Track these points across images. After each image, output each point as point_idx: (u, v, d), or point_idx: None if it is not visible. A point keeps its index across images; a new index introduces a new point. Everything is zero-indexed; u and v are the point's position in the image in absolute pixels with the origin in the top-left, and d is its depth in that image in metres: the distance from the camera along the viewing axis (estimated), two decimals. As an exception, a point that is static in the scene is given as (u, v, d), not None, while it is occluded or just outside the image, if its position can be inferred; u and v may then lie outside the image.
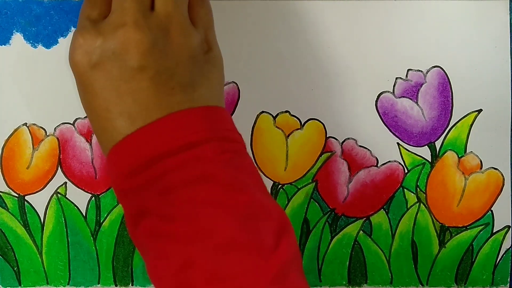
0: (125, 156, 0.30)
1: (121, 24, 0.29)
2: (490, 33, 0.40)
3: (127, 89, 0.30)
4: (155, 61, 0.29)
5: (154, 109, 0.30)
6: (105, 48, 0.29)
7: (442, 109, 0.41)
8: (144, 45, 0.29)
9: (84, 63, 0.30)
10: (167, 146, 0.29)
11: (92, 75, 0.30)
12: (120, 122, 0.30)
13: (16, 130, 0.40)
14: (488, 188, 0.41)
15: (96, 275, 0.42)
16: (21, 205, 0.41)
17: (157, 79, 0.30)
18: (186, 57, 0.31)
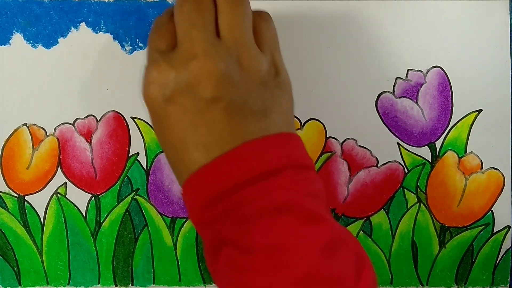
0: (201, 187, 0.29)
1: (192, 55, 0.29)
2: (490, 33, 0.40)
3: (201, 121, 0.29)
4: (228, 91, 0.29)
5: (229, 139, 0.29)
6: (179, 81, 0.29)
7: (442, 109, 0.41)
8: (216, 75, 0.29)
9: (158, 97, 0.30)
10: (243, 176, 0.28)
11: (167, 109, 0.30)
12: (195, 153, 0.29)
13: (16, 130, 0.40)
14: (488, 188, 0.41)
15: (96, 275, 0.42)
16: (21, 205, 0.41)
17: (230, 108, 0.29)
18: (256, 83, 0.30)
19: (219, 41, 0.30)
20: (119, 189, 0.41)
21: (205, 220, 0.30)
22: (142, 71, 0.40)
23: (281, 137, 0.30)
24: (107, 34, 0.40)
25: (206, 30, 0.29)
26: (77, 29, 0.40)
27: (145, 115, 0.40)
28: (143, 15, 0.39)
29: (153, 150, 0.41)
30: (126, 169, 0.41)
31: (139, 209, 0.41)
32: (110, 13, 0.39)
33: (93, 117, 0.40)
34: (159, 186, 0.41)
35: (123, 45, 0.40)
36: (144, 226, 0.41)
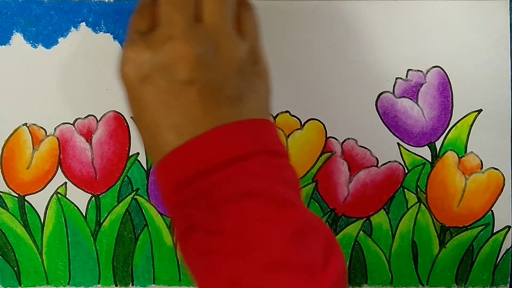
0: (173, 169, 0.29)
1: (169, 37, 0.29)
2: (490, 33, 0.40)
3: (175, 103, 0.29)
4: (203, 74, 0.29)
5: (202, 123, 0.29)
6: (154, 62, 0.29)
7: (442, 109, 0.41)
8: (192, 58, 0.29)
9: (133, 76, 0.30)
10: (214, 160, 0.28)
11: (142, 89, 0.30)
12: (168, 135, 0.29)
13: (16, 130, 0.40)
14: (488, 188, 0.41)
15: (96, 275, 0.42)
16: (21, 205, 0.41)
17: (205, 92, 0.29)
18: (234, 70, 0.30)
19: (199, 25, 0.30)
20: (119, 189, 0.41)
21: (176, 204, 0.30)
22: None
23: (254, 123, 0.30)
24: (107, 34, 0.40)
25: (186, 13, 0.30)
26: (77, 29, 0.40)
27: (145, 115, 0.40)
28: (143, 15, 0.39)
29: (153, 150, 0.41)
30: (126, 169, 0.41)
31: (139, 209, 0.41)
32: (110, 13, 0.39)
33: (93, 117, 0.40)
34: (159, 186, 0.41)
35: (123, 45, 0.40)
36: (144, 226, 0.41)
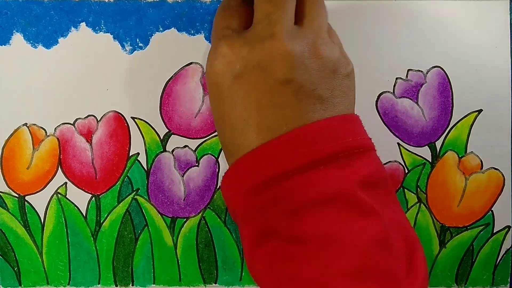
0: (249, 171, 0.29)
1: (270, 35, 0.28)
2: (490, 33, 0.40)
3: (268, 102, 0.29)
4: (300, 75, 0.28)
5: (293, 124, 0.28)
6: (251, 59, 0.28)
7: (442, 109, 0.41)
8: (292, 58, 0.28)
9: (226, 72, 0.29)
10: (293, 163, 0.28)
11: (234, 86, 0.29)
12: (253, 133, 0.29)
13: (16, 130, 0.40)
14: (488, 188, 0.41)
15: (96, 275, 0.42)
16: (21, 205, 0.41)
17: (300, 93, 0.29)
18: (328, 71, 0.30)
19: (298, 27, 0.29)
20: (119, 189, 0.41)
21: (249, 207, 0.29)
22: (142, 71, 0.40)
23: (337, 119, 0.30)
24: (107, 34, 0.40)
25: (286, 13, 0.29)
26: (77, 29, 0.40)
27: (145, 115, 0.40)
28: (143, 15, 0.39)
29: (153, 150, 0.41)
30: (126, 169, 0.41)
31: (139, 209, 0.41)
32: (110, 13, 0.39)
33: (93, 117, 0.40)
34: (159, 186, 0.41)
35: (123, 45, 0.40)
36: (145, 226, 0.41)
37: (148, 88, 0.40)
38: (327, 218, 0.27)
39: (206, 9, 0.40)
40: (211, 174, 0.41)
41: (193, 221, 0.41)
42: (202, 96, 0.40)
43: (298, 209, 0.27)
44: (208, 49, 0.39)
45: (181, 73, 0.40)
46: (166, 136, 0.40)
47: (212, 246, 0.41)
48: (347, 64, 0.31)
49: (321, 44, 0.30)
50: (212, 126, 0.40)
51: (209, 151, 0.41)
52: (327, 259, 0.27)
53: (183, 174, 0.41)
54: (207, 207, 0.41)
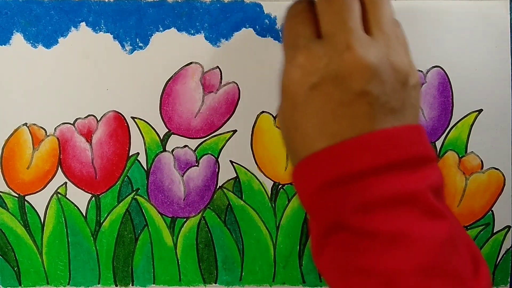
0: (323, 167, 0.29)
1: (347, 46, 0.29)
2: (490, 33, 0.40)
3: (344, 113, 0.29)
4: (376, 87, 0.29)
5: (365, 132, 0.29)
6: (329, 70, 0.29)
7: (442, 109, 0.41)
8: (369, 69, 0.28)
9: (303, 82, 0.29)
10: (370, 163, 0.28)
11: (310, 96, 0.29)
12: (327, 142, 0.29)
13: (16, 130, 0.40)
14: (488, 188, 0.41)
15: (96, 275, 0.42)
16: (21, 205, 0.41)
17: (375, 104, 0.29)
18: (401, 82, 0.30)
19: (369, 37, 0.30)
20: (119, 189, 0.41)
21: (319, 201, 0.29)
22: (142, 71, 0.40)
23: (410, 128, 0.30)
24: (107, 34, 0.40)
25: (357, 24, 0.29)
26: (77, 29, 0.40)
27: (145, 115, 0.40)
28: (143, 15, 0.39)
29: (153, 150, 0.41)
30: (126, 169, 0.41)
31: (139, 209, 0.41)
32: (110, 13, 0.39)
33: (93, 117, 0.40)
34: (159, 186, 0.41)
35: (123, 45, 0.40)
36: (144, 226, 0.41)
37: (148, 88, 0.40)
38: (399, 217, 0.28)
39: (206, 9, 0.40)
40: (211, 174, 0.41)
41: (193, 221, 0.41)
42: (202, 96, 0.40)
43: (371, 206, 0.28)
44: (208, 49, 0.40)
45: (181, 73, 0.40)
46: (166, 136, 0.40)
47: (212, 246, 0.41)
48: (415, 75, 0.31)
49: (394, 55, 0.30)
50: (211, 126, 0.40)
51: (209, 151, 0.41)
52: (397, 255, 0.28)
53: (183, 174, 0.41)
54: (207, 207, 0.41)
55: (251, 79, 0.40)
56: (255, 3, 0.40)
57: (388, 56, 0.29)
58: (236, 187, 0.41)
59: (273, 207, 0.41)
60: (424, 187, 0.29)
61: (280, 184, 0.41)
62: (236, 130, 0.40)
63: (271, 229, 0.41)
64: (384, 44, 0.30)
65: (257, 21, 0.40)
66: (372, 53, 0.29)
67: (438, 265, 0.28)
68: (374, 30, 0.30)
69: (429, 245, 0.28)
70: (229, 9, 0.40)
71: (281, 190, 0.41)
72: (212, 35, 0.40)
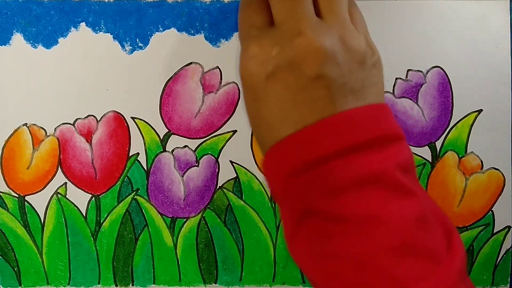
0: (288, 154, 0.29)
1: (297, 32, 0.29)
2: (490, 33, 0.40)
3: (302, 98, 0.29)
4: (331, 70, 0.29)
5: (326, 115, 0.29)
6: (282, 58, 0.29)
7: (442, 109, 0.41)
8: (322, 53, 0.28)
9: (259, 73, 0.29)
10: (333, 146, 0.28)
11: (267, 85, 0.29)
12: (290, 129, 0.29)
13: (16, 131, 0.40)
14: (488, 188, 0.41)
15: (96, 275, 0.42)
16: (21, 206, 0.41)
17: (332, 87, 0.29)
18: (357, 63, 0.30)
19: (321, 20, 0.30)
20: (119, 189, 0.41)
21: (287, 189, 0.29)
22: (142, 71, 0.40)
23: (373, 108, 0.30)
24: (107, 34, 0.40)
25: (309, 8, 0.29)
26: (77, 29, 0.40)
27: (145, 115, 0.40)
28: (143, 15, 0.39)
29: (153, 150, 0.41)
30: (126, 169, 0.41)
31: (139, 209, 0.41)
32: (110, 13, 0.39)
33: (93, 117, 0.40)
34: (159, 186, 0.41)
35: (123, 45, 0.40)
36: (144, 226, 0.41)
37: (148, 88, 0.40)
38: (367, 198, 0.28)
39: (206, 9, 0.40)
40: (211, 174, 0.41)
41: (193, 221, 0.41)
42: (202, 96, 0.40)
43: (339, 190, 0.28)
44: (208, 49, 0.40)
45: (181, 73, 0.40)
46: (166, 136, 0.40)
47: (212, 246, 0.41)
48: (373, 53, 0.31)
49: (348, 36, 0.30)
50: (211, 126, 0.40)
51: (209, 151, 0.41)
52: (368, 237, 0.28)
53: (183, 174, 0.41)
54: (207, 207, 0.41)
55: (251, 79, 0.40)
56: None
57: (341, 37, 0.29)
58: (236, 187, 0.41)
59: (273, 207, 0.41)
60: (390, 166, 0.28)
61: (280, 184, 0.41)
62: (236, 130, 0.41)
63: (271, 229, 0.41)
64: (337, 26, 0.30)
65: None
66: (324, 36, 0.29)
67: (410, 244, 0.27)
68: (325, 14, 0.30)
69: (400, 225, 0.28)
70: (229, 9, 0.40)
71: (281, 190, 0.41)
72: (212, 35, 0.40)
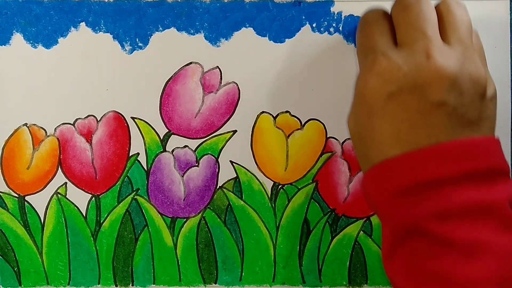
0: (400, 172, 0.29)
1: (426, 55, 0.29)
2: (490, 33, 0.40)
3: (421, 122, 0.29)
4: (455, 97, 0.29)
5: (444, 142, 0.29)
6: (408, 79, 0.29)
7: (443, 109, 0.41)
8: (448, 80, 0.28)
9: (381, 90, 0.29)
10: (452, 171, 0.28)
11: (387, 103, 0.29)
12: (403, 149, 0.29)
13: (16, 131, 0.40)
14: (488, 188, 0.41)
15: (96, 276, 0.42)
16: (21, 206, 0.41)
17: (453, 116, 0.29)
18: (479, 94, 0.30)
19: (447, 45, 0.29)
20: (119, 189, 0.41)
21: (393, 207, 0.29)
22: (142, 71, 0.40)
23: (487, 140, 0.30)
24: (107, 34, 0.40)
25: (436, 32, 0.29)
26: (77, 29, 0.40)
27: (145, 115, 0.40)
28: (142, 14, 0.39)
29: (153, 150, 0.41)
30: (126, 169, 0.41)
31: (139, 209, 0.41)
32: (110, 13, 0.39)
33: (93, 117, 0.40)
34: (159, 186, 0.41)
35: (123, 45, 0.40)
36: (144, 226, 0.41)
37: (148, 88, 0.40)
38: (477, 227, 0.28)
39: (206, 9, 0.39)
40: (211, 174, 0.41)
41: (193, 221, 0.41)
42: (202, 96, 0.40)
43: (450, 215, 0.28)
44: (208, 49, 0.40)
45: (180, 73, 0.40)
46: (166, 136, 0.40)
47: (212, 246, 0.41)
48: (491, 86, 0.32)
49: (472, 65, 0.29)
50: (211, 126, 0.40)
51: (209, 151, 0.41)
52: (475, 264, 0.28)
53: (183, 174, 0.41)
54: (207, 207, 0.41)
55: (251, 79, 0.40)
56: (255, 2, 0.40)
57: (466, 66, 0.29)
58: (236, 187, 0.41)
59: (273, 207, 0.41)
60: (502, 199, 0.29)
61: (280, 184, 0.41)
62: (236, 130, 0.40)
63: (271, 229, 0.41)
64: (462, 53, 0.29)
65: (257, 21, 0.40)
66: (451, 62, 0.28)
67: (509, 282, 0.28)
68: (451, 39, 0.30)
69: (508, 257, 0.28)
70: (229, 9, 0.40)
71: (281, 190, 0.41)
72: (212, 35, 0.40)
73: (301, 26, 0.40)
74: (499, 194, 0.29)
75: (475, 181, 0.29)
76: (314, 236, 0.41)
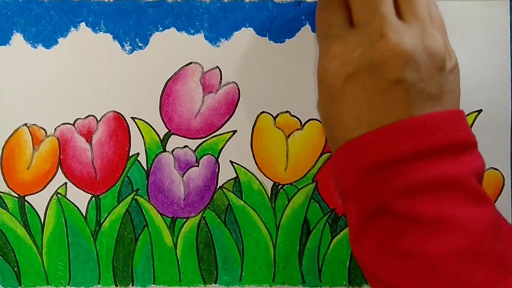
0: (363, 151, 0.29)
1: (380, 34, 0.28)
2: (490, 33, 0.40)
3: (381, 101, 0.29)
4: (412, 74, 0.29)
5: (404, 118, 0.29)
6: (364, 59, 0.29)
7: (442, 109, 0.41)
8: (403, 57, 0.28)
9: (339, 74, 0.29)
10: (412, 148, 0.28)
11: (346, 86, 0.29)
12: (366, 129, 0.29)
13: (16, 131, 0.40)
14: (488, 188, 0.41)
15: (96, 276, 0.42)
16: (21, 206, 0.41)
17: (411, 91, 0.29)
18: (437, 68, 0.29)
19: (402, 22, 0.29)
20: (119, 189, 0.41)
21: (359, 187, 0.29)
22: (142, 71, 0.40)
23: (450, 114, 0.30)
24: (107, 34, 0.40)
25: (390, 9, 0.29)
26: (77, 29, 0.40)
27: (145, 115, 0.40)
28: (142, 14, 0.39)
29: (153, 150, 0.41)
30: (126, 169, 0.41)
31: (139, 209, 0.41)
32: (110, 13, 0.39)
33: (93, 117, 0.40)
34: (159, 186, 0.41)
35: (123, 45, 0.40)
36: (144, 226, 0.41)
37: (148, 88, 0.40)
38: (443, 201, 0.28)
39: (206, 9, 0.40)
40: (211, 174, 0.41)
41: (193, 221, 0.41)
42: (202, 96, 0.40)
43: (415, 190, 0.28)
44: (208, 49, 0.40)
45: (180, 73, 0.40)
46: (166, 136, 0.40)
47: (212, 246, 0.41)
48: (452, 58, 0.31)
49: (429, 39, 0.29)
50: (211, 126, 0.40)
51: (209, 151, 0.41)
52: (442, 239, 0.28)
53: (183, 174, 0.41)
54: (207, 207, 0.41)
55: (251, 79, 0.40)
56: (255, 2, 0.40)
57: (423, 41, 0.29)
58: (236, 187, 0.41)
59: (273, 207, 0.41)
60: (466, 172, 0.28)
61: (280, 184, 0.41)
62: (236, 130, 0.41)
63: (271, 229, 0.41)
64: (418, 28, 0.29)
65: (257, 21, 0.40)
66: (406, 39, 0.28)
67: (482, 250, 0.27)
68: (407, 15, 0.29)
69: (474, 230, 0.28)
70: (229, 9, 0.40)
71: (281, 190, 0.41)
72: (212, 35, 0.40)
73: (301, 26, 0.40)
74: (464, 167, 0.29)
75: (439, 155, 0.28)
76: (314, 236, 0.41)
